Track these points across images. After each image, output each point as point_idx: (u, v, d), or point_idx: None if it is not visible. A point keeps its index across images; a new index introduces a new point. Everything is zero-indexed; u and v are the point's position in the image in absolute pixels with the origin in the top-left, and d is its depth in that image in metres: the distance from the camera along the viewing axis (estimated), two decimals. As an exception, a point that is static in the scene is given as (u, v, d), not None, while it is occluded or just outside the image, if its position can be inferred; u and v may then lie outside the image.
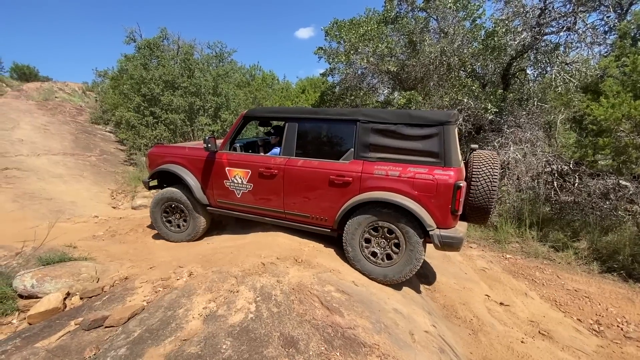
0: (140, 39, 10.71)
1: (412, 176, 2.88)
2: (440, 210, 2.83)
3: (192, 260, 3.13)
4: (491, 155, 3.19)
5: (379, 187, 2.98)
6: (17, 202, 5.41)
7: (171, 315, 2.13)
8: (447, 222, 2.84)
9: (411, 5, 8.97)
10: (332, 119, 3.38)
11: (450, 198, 2.78)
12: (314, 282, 2.56)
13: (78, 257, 3.22)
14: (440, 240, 2.81)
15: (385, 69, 8.13)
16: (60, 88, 17.99)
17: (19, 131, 8.83)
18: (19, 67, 23.21)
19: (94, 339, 1.96)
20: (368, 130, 3.09)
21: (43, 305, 2.47)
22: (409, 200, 2.87)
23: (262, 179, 3.46)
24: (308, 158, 3.31)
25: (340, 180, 3.09)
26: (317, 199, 3.26)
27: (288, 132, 3.44)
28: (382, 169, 2.99)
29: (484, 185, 3.05)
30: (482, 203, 3.10)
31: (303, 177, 3.28)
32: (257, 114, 3.90)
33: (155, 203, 4.03)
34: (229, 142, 3.75)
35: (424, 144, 2.92)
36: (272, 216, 3.59)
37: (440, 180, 2.79)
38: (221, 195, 3.76)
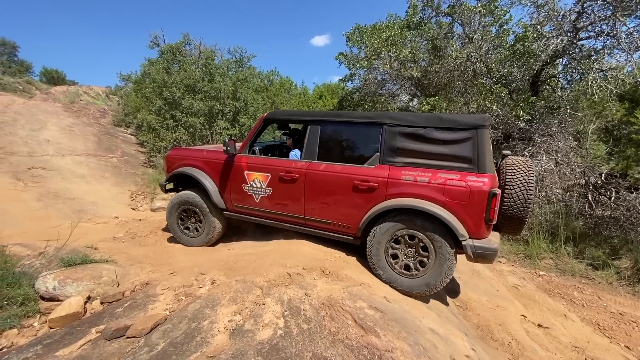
0: (164, 44, 10.93)
1: (442, 182, 2.70)
2: (474, 219, 2.64)
3: (213, 267, 3.01)
4: (526, 161, 2.99)
5: (406, 193, 2.82)
6: (41, 201, 5.47)
7: (195, 327, 2.00)
8: (481, 232, 2.65)
9: (435, 11, 8.79)
10: (357, 122, 3.23)
11: (485, 206, 2.59)
12: (344, 296, 2.39)
13: (99, 260, 3.15)
14: (473, 252, 2.62)
15: (408, 75, 7.95)
16: (85, 91, 18.59)
17: (46, 132, 9.07)
18: (48, 71, 24.24)
19: (116, 350, 1.85)
20: (395, 133, 2.95)
21: (64, 309, 2.39)
22: (440, 208, 2.69)
23: (282, 183, 3.33)
24: (331, 162, 3.18)
25: (365, 185, 2.94)
26: (339, 205, 3.10)
27: (310, 135, 3.33)
28: (410, 174, 2.82)
29: (519, 193, 2.82)
30: (517, 212, 2.86)
31: (325, 181, 3.14)
32: (278, 116, 3.79)
33: (172, 206, 3.96)
34: (249, 145, 3.67)
35: (455, 149, 2.75)
36: (291, 222, 3.44)
37: (474, 187, 2.61)
38: (239, 199, 3.64)
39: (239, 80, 10.86)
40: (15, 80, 19.61)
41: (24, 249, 3.45)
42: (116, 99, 16.35)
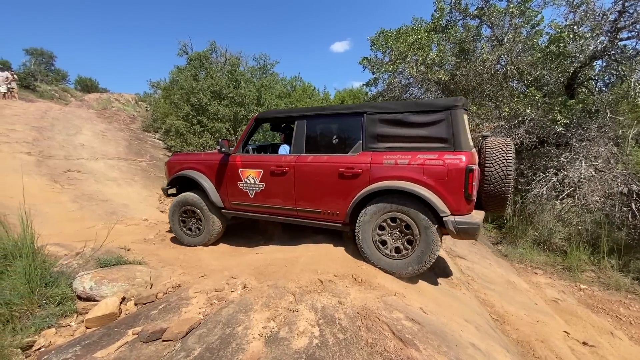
0: (192, 52, 11.27)
1: (422, 163, 2.84)
2: (454, 196, 2.74)
3: (244, 271, 2.99)
4: (504, 141, 3.12)
5: (388, 176, 2.95)
6: (77, 203, 5.69)
7: (230, 333, 1.96)
8: (461, 207, 2.75)
9: (463, 13, 8.60)
10: (339, 114, 3.43)
11: (463, 182, 2.70)
12: (380, 306, 2.29)
13: (133, 261, 3.21)
14: (455, 227, 2.71)
15: (434, 78, 7.78)
16: (116, 98, 19.46)
17: (81, 137, 9.50)
18: (82, 79, 25.58)
19: (153, 353, 1.84)
20: (375, 121, 3.10)
21: (100, 310, 2.43)
22: (419, 186, 2.81)
23: (273, 177, 3.49)
24: (317, 154, 3.34)
25: (350, 172, 3.08)
26: (327, 193, 3.23)
27: (297, 130, 3.50)
28: (391, 158, 2.96)
29: (499, 170, 2.98)
30: (498, 190, 3.02)
31: (313, 172, 3.28)
32: (268, 115, 3.94)
33: (173, 208, 4.13)
34: (242, 144, 3.85)
35: (432, 130, 2.89)
36: (284, 215, 3.58)
37: (451, 164, 2.74)
38: (235, 196, 3.79)
39: (263, 87, 11.01)
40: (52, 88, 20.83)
41: (61, 249, 3.57)
42: (145, 105, 16.98)
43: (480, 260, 5.29)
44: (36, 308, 2.51)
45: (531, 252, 5.82)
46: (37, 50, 23.21)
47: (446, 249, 5.29)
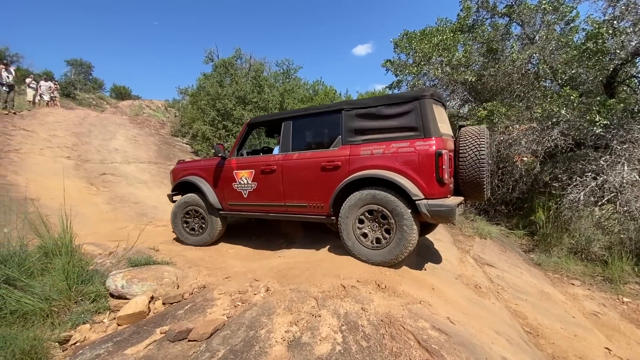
0: (218, 59, 11.63)
1: (395, 151, 3.01)
2: (426, 180, 2.87)
3: (266, 274, 3.01)
4: (479, 129, 3.22)
5: (366, 166, 3.11)
6: (110, 204, 6.00)
7: (253, 336, 1.98)
8: (434, 191, 2.86)
9: (491, 12, 8.33)
10: (320, 112, 3.60)
11: (434, 166, 2.83)
12: (404, 314, 2.23)
13: (161, 261, 3.32)
14: (428, 210, 2.81)
15: (461, 80, 7.56)
16: (147, 105, 20.37)
17: (115, 141, 10.03)
18: (117, 87, 27.03)
19: (179, 353, 1.88)
20: (352, 116, 3.29)
21: (131, 308, 2.52)
22: (392, 173, 2.96)
23: (263, 175, 3.71)
24: (302, 151, 3.56)
25: (331, 165, 3.27)
26: (312, 187, 3.42)
27: (284, 131, 3.72)
28: (368, 149, 3.14)
29: (472, 155, 3.08)
30: (473, 176, 3.12)
31: (298, 168, 3.49)
32: (259, 120, 4.17)
33: (176, 210, 4.34)
34: (237, 148, 4.08)
35: (403, 120, 3.06)
36: (274, 211, 3.76)
37: (421, 150, 2.90)
38: (231, 197, 4.00)
39: (286, 91, 11.18)
40: (90, 96, 22.14)
41: (96, 248, 3.76)
42: (173, 111, 17.68)
43: (510, 269, 5.04)
44: (73, 304, 2.65)
45: (567, 261, 5.48)
46: (77, 61, 24.80)
47: (473, 256, 5.09)
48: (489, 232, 6.05)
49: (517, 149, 6.58)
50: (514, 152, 6.72)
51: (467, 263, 4.64)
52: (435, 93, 3.22)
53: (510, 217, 7.62)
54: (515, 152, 6.68)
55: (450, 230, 6.02)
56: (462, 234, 5.95)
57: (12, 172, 6.50)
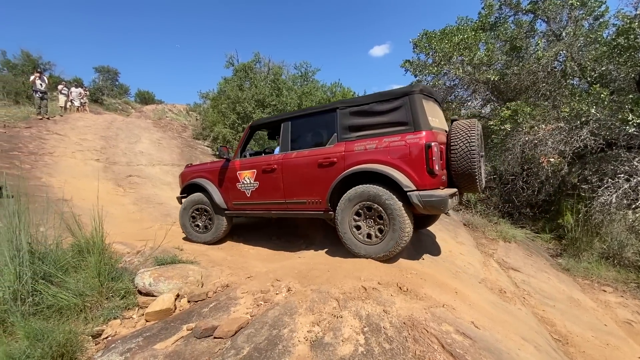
0: (238, 63, 11.88)
1: (387, 145, 3.11)
2: (417, 171, 2.96)
3: (287, 274, 3.04)
4: (469, 122, 3.30)
5: (360, 161, 3.22)
6: (136, 205, 6.22)
7: (276, 335, 2.01)
8: (425, 182, 2.94)
9: (514, 9, 8.10)
10: (316, 112, 3.73)
11: (424, 158, 2.93)
12: (427, 317, 2.20)
13: (186, 260, 3.42)
14: (420, 200, 2.89)
15: (483, 79, 7.38)
16: (170, 109, 21.03)
17: (140, 145, 10.41)
18: (141, 92, 28.06)
19: (205, 349, 1.94)
20: (346, 114, 3.41)
21: (158, 305, 2.62)
22: (384, 166, 3.07)
23: (265, 174, 3.85)
24: (300, 150, 3.67)
25: (327, 161, 3.39)
26: (310, 184, 3.54)
27: (283, 131, 3.87)
28: (361, 144, 3.25)
29: (463, 147, 3.15)
30: (464, 167, 3.18)
31: (297, 166, 3.62)
32: (260, 122, 4.31)
33: (184, 207, 4.51)
34: (240, 150, 4.25)
35: (394, 116, 3.17)
36: (276, 209, 3.88)
37: (411, 143, 2.99)
38: (235, 197, 4.15)
39: (304, 94, 11.26)
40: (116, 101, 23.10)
41: (124, 247, 3.91)
42: (195, 114, 18.17)
43: (537, 274, 4.86)
44: (104, 300, 2.77)
45: (598, 267, 5.23)
46: (104, 67, 25.96)
47: (497, 260, 4.95)
48: (514, 236, 5.87)
49: (543, 150, 6.36)
50: (539, 152, 6.49)
51: (491, 267, 4.52)
52: (425, 88, 3.31)
53: (536, 220, 7.35)
54: (541, 153, 6.46)
55: (472, 233, 5.88)
56: (486, 237, 5.79)
57: (47, 174, 6.87)
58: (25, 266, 2.56)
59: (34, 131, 9.60)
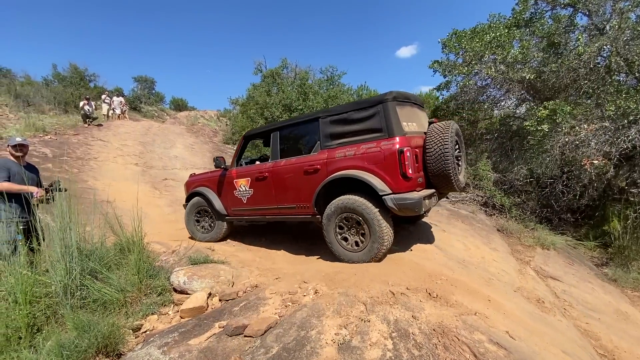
0: (266, 70, 12.18)
1: (364, 152, 3.27)
2: (391, 176, 3.11)
3: (314, 276, 3.07)
4: (444, 124, 3.43)
5: (341, 167, 3.39)
6: (171, 207, 6.54)
7: (304, 336, 2.04)
8: (400, 185, 3.09)
9: (552, 3, 7.69)
10: (301, 122, 3.95)
11: (397, 162, 3.07)
12: (458, 325, 2.14)
13: (217, 260, 3.55)
14: (395, 203, 3.04)
15: (517, 78, 7.06)
16: (202, 115, 21.91)
17: (174, 149, 10.94)
18: (175, 100, 29.44)
19: (236, 347, 2.01)
20: (328, 123, 3.59)
21: (192, 302, 2.74)
22: (362, 171, 3.23)
23: (258, 182, 4.09)
24: (288, 158, 3.88)
25: (312, 168, 3.58)
26: (298, 190, 3.74)
27: (273, 141, 4.09)
28: (342, 151, 3.42)
29: (437, 149, 3.26)
30: (439, 168, 3.29)
31: (286, 173, 3.84)
32: (253, 132, 4.58)
33: (189, 210, 4.84)
34: (236, 159, 4.50)
35: (370, 123, 3.32)
36: (270, 214, 4.10)
37: (386, 148, 3.14)
38: (233, 204, 4.40)
39: (330, 97, 11.33)
40: (152, 109, 24.40)
41: (160, 246, 4.13)
42: (225, 120, 18.81)
43: (579, 284, 4.55)
44: (142, 296, 2.94)
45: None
46: (142, 77, 27.54)
47: (534, 268, 4.69)
48: (553, 243, 5.53)
49: (586, 152, 5.96)
50: (581, 154, 6.09)
51: (527, 275, 4.30)
52: (400, 95, 3.41)
53: (578, 227, 6.88)
54: (583, 155, 6.05)
55: (507, 239, 5.62)
56: (521, 243, 5.51)
57: (92, 177, 7.41)
58: (75, 262, 2.77)
59: (81, 138, 10.38)
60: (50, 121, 11.55)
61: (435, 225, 5.24)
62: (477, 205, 6.96)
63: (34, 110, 12.62)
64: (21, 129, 9.51)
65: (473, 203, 6.98)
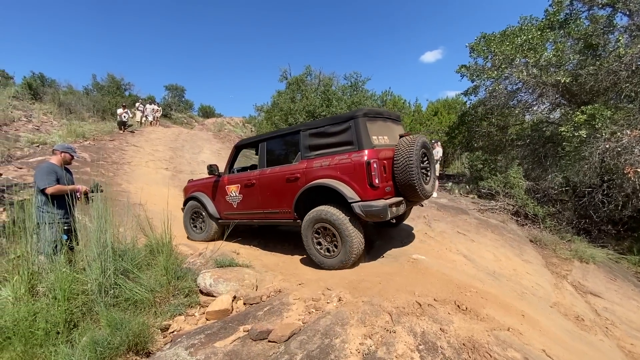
0: (290, 77, 12.38)
1: (337, 162, 3.57)
2: (360, 185, 3.39)
3: (338, 283, 3.04)
4: (411, 138, 3.70)
5: (317, 176, 3.68)
6: (198, 211, 6.71)
7: (328, 344, 2.01)
8: (367, 194, 3.36)
9: (589, 3, 7.32)
10: (285, 134, 4.30)
11: (365, 173, 3.36)
12: (490, 341, 2.03)
13: (242, 264, 3.60)
14: (362, 210, 3.33)
15: (551, 81, 6.74)
16: (228, 122, 22.52)
17: (202, 155, 11.29)
18: (203, 107, 30.54)
19: (260, 351, 2.01)
20: (307, 135, 3.89)
21: (217, 305, 2.78)
22: (334, 180, 3.53)
23: (246, 188, 4.41)
24: (273, 167, 4.21)
25: (293, 177, 3.90)
26: (281, 196, 4.03)
27: (260, 151, 4.42)
28: (318, 162, 3.73)
29: (402, 162, 3.53)
30: (405, 178, 3.54)
31: (270, 180, 4.15)
32: (243, 142, 4.89)
33: (186, 212, 5.27)
34: (228, 167, 4.82)
35: (343, 137, 3.63)
36: (257, 218, 4.42)
37: (355, 160, 3.44)
38: (225, 208, 4.73)
39: (354, 103, 11.31)
40: (182, 116, 25.41)
41: (187, 248, 4.24)
42: (250, 126, 19.25)
43: (622, 301, 4.22)
44: (170, 297, 3.02)
45: None
46: (173, 86, 28.84)
47: (572, 283, 4.40)
48: (592, 256, 5.18)
49: (629, 159, 5.56)
50: (623, 162, 5.69)
51: (565, 290, 4.04)
52: (371, 111, 3.74)
53: (621, 239, 6.41)
54: (625, 163, 5.65)
55: (541, 251, 5.32)
56: (557, 256, 5.20)
57: (126, 181, 7.78)
58: (109, 262, 2.90)
59: (116, 143, 10.96)
60: (89, 128, 12.30)
61: (463, 235, 5.06)
62: (508, 214, 6.66)
63: (75, 118, 13.49)
64: (64, 134, 10.19)
65: (503, 212, 6.68)
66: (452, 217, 5.89)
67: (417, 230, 5.19)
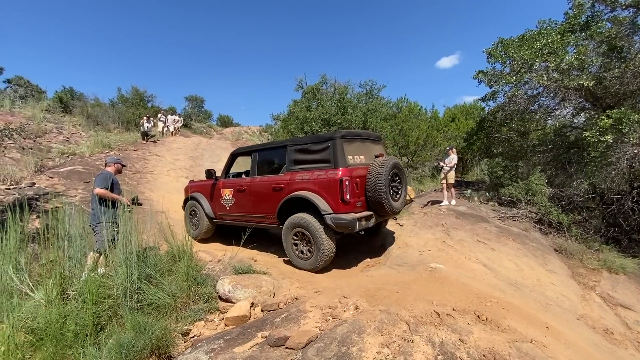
0: (306, 86, 12.55)
1: (316, 177, 3.97)
2: (333, 199, 3.79)
3: (355, 291, 3.04)
4: (383, 159, 4.10)
5: (298, 188, 4.09)
6: (217, 218, 6.85)
7: (345, 352, 2.01)
8: (339, 208, 3.77)
9: (611, 5, 7.10)
10: (274, 147, 4.80)
11: (338, 189, 3.75)
12: (512, 353, 1.98)
13: (259, 271, 3.65)
14: (332, 221, 3.74)
15: (574, 85, 6.55)
16: (245, 131, 22.99)
17: (221, 163, 11.54)
18: (221, 117, 31.32)
19: (278, 358, 2.04)
20: (293, 150, 4.31)
21: (236, 311, 2.84)
22: (311, 193, 3.93)
23: (238, 193, 4.88)
24: (262, 175, 4.68)
25: (278, 186, 4.32)
26: (267, 203, 4.47)
27: (253, 160, 4.86)
28: (300, 175, 4.14)
29: (372, 180, 3.90)
30: (374, 195, 3.91)
31: (259, 187, 4.60)
32: (239, 151, 5.37)
33: (186, 210, 5.83)
34: (225, 172, 5.32)
35: (323, 155, 4.02)
36: (246, 220, 4.84)
37: (331, 177, 3.84)
38: (220, 209, 5.24)
39: (369, 111, 11.32)
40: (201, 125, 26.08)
41: (207, 255, 4.34)
42: (267, 135, 19.56)
43: (657, 315, 3.98)
44: (191, 302, 3.10)
45: None
46: (193, 96, 29.72)
47: (601, 294, 4.21)
48: (622, 266, 4.93)
49: (660, 164, 5.30)
50: (654, 167, 5.43)
51: (592, 302, 3.87)
52: (349, 133, 4.14)
53: (654, 249, 6.06)
54: (656, 168, 5.39)
55: (567, 260, 5.12)
56: (584, 266, 4.98)
57: (148, 189, 8.06)
58: (134, 267, 3.02)
59: (140, 153, 11.39)
60: (114, 138, 12.84)
61: (483, 244, 4.95)
62: (531, 222, 6.44)
63: (101, 129, 14.13)
64: (91, 145, 10.69)
65: (526, 220, 6.47)
66: (471, 225, 5.77)
67: (435, 239, 5.11)
